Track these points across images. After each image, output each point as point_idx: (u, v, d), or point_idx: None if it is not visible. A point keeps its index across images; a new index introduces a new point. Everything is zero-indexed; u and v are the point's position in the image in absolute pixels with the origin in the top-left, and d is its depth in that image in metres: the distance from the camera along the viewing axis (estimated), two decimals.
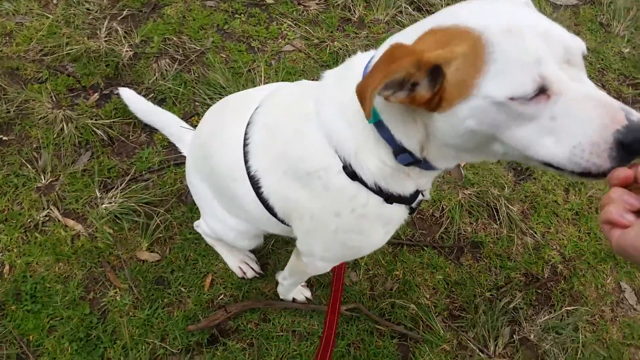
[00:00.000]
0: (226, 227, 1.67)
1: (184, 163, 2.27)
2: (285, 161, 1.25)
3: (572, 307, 2.13)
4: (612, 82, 2.98)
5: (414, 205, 1.26)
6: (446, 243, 2.22)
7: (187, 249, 2.08)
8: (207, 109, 2.58)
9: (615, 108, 0.81)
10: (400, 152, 1.05)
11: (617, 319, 2.17)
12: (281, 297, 1.99)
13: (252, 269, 2.02)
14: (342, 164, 1.13)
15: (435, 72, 0.88)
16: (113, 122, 2.38)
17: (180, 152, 2.15)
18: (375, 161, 1.10)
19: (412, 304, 2.06)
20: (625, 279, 2.25)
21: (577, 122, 0.82)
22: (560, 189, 2.47)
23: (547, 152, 0.86)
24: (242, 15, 2.94)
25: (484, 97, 0.84)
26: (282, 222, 1.42)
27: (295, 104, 1.27)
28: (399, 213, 1.25)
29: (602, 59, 3.11)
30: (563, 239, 2.31)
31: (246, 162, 1.34)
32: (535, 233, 2.30)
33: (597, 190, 2.48)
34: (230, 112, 1.52)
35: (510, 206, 2.31)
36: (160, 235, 2.09)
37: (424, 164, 1.08)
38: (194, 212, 2.15)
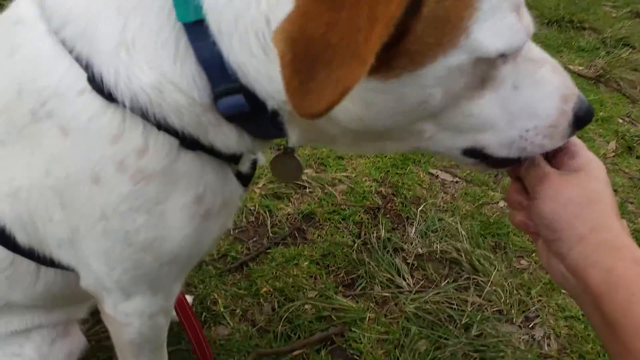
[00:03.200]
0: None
1: None
2: None
3: (420, 208, 2.01)
4: None
5: (243, 168, 0.82)
6: (284, 232, 1.81)
7: None
8: None
9: (564, 80, 0.66)
10: (228, 93, 0.64)
11: (455, 193, 2.16)
12: None
13: None
14: (86, 74, 0.65)
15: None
16: None
17: None
18: (158, 76, 0.64)
19: (305, 305, 1.56)
20: (430, 167, 2.28)
21: (539, 96, 0.64)
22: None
23: (492, 135, 0.65)
24: None
25: (473, 49, 0.55)
26: (38, 257, 0.82)
27: None
28: (219, 179, 0.76)
29: None
30: (365, 171, 2.20)
31: None
32: (343, 179, 2.12)
33: None
34: None
35: (307, 171, 2.09)
36: None
37: (261, 126, 0.68)
38: None
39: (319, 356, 1.43)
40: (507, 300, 1.68)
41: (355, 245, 1.80)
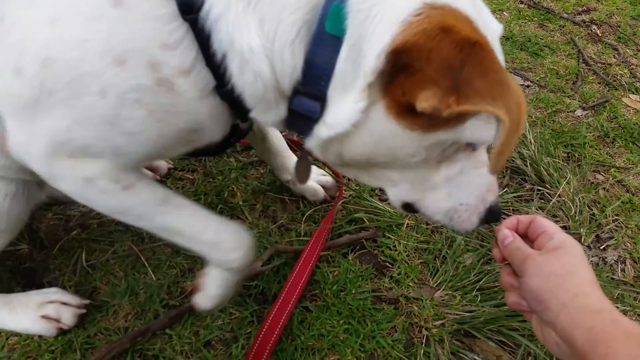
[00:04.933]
0: None
1: None
2: None
3: None
4: None
5: (244, 125, 0.92)
6: None
7: None
8: None
9: (494, 180, 0.84)
10: (309, 95, 0.71)
11: (525, 98, 1.84)
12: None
13: (68, 304, 1.06)
14: None
15: None
16: None
17: None
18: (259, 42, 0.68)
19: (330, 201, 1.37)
20: None
21: (475, 183, 0.82)
22: None
23: (432, 201, 0.85)
24: None
25: (459, 135, 0.72)
26: None
27: None
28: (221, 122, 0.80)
29: None
30: None
31: None
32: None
33: None
34: None
35: None
36: None
37: (296, 123, 0.77)
38: None
39: (346, 260, 1.24)
40: (577, 217, 1.42)
41: None
